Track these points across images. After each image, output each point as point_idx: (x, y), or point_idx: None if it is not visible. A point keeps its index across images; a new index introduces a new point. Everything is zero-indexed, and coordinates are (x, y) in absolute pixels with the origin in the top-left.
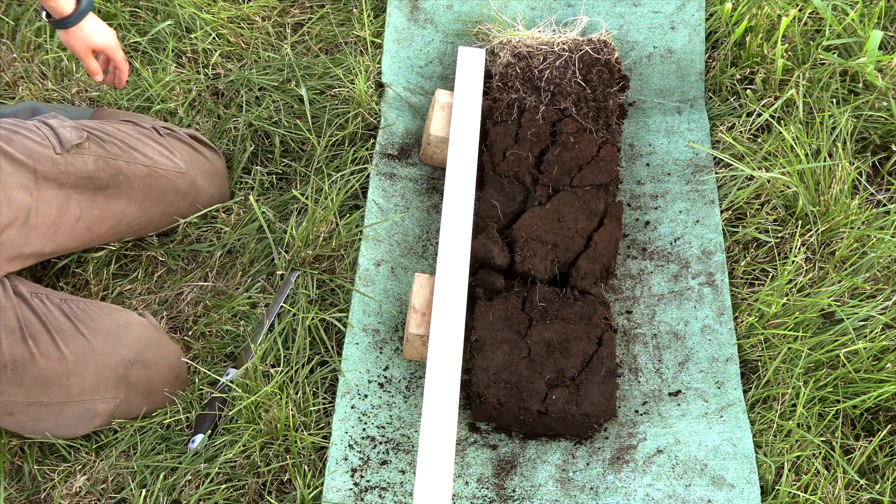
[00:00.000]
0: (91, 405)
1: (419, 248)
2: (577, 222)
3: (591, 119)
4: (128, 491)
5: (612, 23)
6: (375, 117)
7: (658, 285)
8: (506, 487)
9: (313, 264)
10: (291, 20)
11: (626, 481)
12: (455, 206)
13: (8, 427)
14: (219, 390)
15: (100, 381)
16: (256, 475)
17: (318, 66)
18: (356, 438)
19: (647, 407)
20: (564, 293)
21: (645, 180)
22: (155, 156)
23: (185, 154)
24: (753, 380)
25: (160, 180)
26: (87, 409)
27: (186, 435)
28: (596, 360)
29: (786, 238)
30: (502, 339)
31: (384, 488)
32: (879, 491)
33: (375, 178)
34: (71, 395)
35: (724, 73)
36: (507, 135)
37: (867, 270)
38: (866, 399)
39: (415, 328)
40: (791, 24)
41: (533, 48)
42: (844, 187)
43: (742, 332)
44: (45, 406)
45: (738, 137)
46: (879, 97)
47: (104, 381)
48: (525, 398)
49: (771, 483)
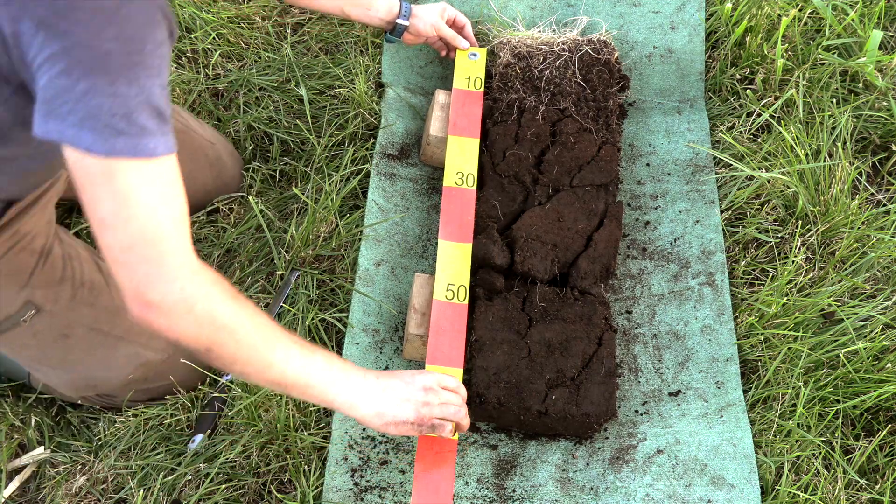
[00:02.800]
0: (143, 350)
1: (419, 248)
2: (577, 222)
3: (591, 119)
4: (127, 491)
5: (612, 23)
6: (375, 117)
7: (658, 285)
8: (506, 487)
9: (313, 264)
10: (291, 20)
11: (626, 481)
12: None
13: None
14: (219, 390)
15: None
16: (256, 475)
17: (318, 66)
18: (356, 438)
19: (647, 407)
20: (564, 293)
21: (645, 180)
22: (189, 119)
23: (210, 129)
24: (753, 380)
25: (193, 141)
26: (137, 353)
27: (186, 435)
28: (596, 360)
29: (786, 238)
30: (502, 339)
31: (384, 488)
32: (879, 491)
33: (375, 178)
34: (130, 332)
35: (724, 73)
36: (507, 135)
37: (867, 270)
38: (866, 399)
39: (415, 328)
40: (791, 24)
41: (533, 48)
42: (844, 187)
43: (742, 332)
44: (103, 335)
45: (738, 137)
46: (879, 97)
47: None
48: (525, 398)
49: (771, 483)
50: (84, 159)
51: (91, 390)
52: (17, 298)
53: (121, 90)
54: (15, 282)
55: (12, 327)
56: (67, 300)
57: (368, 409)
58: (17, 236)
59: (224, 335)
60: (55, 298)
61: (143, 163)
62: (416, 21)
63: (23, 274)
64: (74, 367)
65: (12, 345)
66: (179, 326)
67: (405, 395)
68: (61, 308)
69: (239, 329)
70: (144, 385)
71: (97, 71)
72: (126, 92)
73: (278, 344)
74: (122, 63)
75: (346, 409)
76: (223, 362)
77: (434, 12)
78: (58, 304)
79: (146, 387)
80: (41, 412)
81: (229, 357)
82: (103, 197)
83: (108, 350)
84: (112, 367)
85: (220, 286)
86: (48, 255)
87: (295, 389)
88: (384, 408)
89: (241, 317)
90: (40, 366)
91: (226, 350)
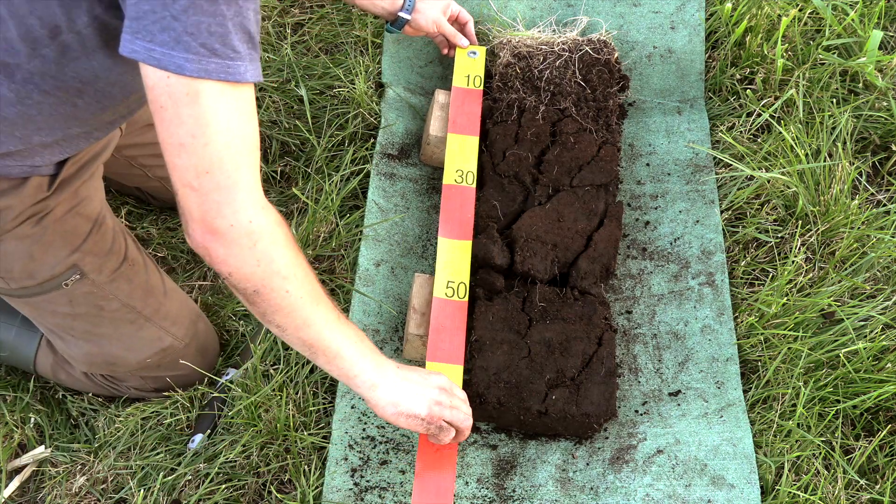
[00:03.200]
0: (165, 333)
1: (419, 248)
2: (577, 222)
3: (591, 119)
4: (127, 491)
5: (612, 23)
6: (375, 117)
7: (658, 285)
8: (506, 487)
9: (313, 264)
10: (291, 20)
11: (626, 481)
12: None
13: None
14: (218, 390)
15: (181, 314)
16: (256, 475)
17: (318, 66)
18: (356, 438)
19: (647, 407)
20: (564, 293)
21: (645, 180)
22: None
23: None
24: (753, 380)
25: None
26: (159, 336)
27: (186, 435)
28: (596, 360)
29: (786, 238)
30: (502, 339)
31: (384, 488)
32: (879, 491)
33: (375, 178)
34: (157, 314)
35: (724, 73)
36: (507, 135)
37: (867, 270)
38: (866, 399)
39: (415, 328)
40: (791, 24)
41: (533, 48)
42: (844, 187)
43: (742, 332)
44: (135, 313)
45: (738, 137)
46: (879, 97)
47: (184, 316)
48: (525, 398)
49: (771, 483)
50: (168, 78)
51: (106, 368)
52: (65, 261)
53: (220, 9)
54: (68, 244)
55: (53, 289)
56: (110, 272)
57: (386, 395)
58: (76, 198)
59: (277, 281)
60: (100, 268)
61: (229, 87)
62: (419, 16)
63: (77, 238)
64: (98, 340)
65: (44, 308)
66: (238, 259)
67: (421, 389)
68: (104, 279)
69: (292, 278)
70: (155, 372)
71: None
72: (225, 11)
73: (322, 306)
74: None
75: (366, 388)
76: (265, 308)
77: (437, 8)
78: (101, 275)
79: (155, 374)
80: (41, 411)
81: (274, 304)
82: (185, 118)
83: (135, 329)
84: (133, 346)
85: (284, 230)
86: (101, 224)
87: (323, 356)
88: (400, 397)
89: (296, 267)
90: (64, 334)
91: (273, 296)
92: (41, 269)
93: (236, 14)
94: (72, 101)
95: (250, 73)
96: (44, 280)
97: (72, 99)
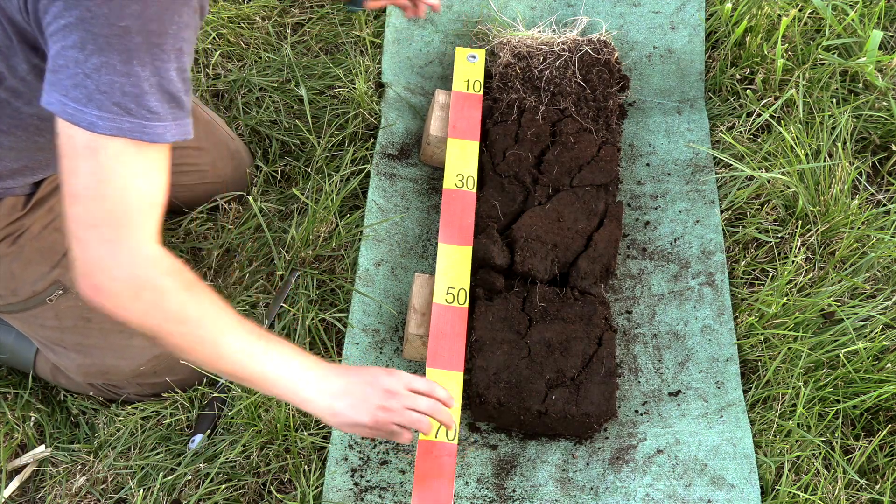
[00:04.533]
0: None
1: (419, 248)
2: (577, 222)
3: (591, 119)
4: (127, 491)
5: (612, 23)
6: (375, 117)
7: (658, 285)
8: (506, 487)
9: (313, 264)
10: (291, 20)
11: (626, 481)
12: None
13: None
14: (218, 390)
15: None
16: (256, 475)
17: (318, 66)
18: (356, 438)
19: (647, 407)
20: (564, 293)
21: (645, 180)
22: (214, 114)
23: (228, 128)
24: (753, 380)
25: (217, 132)
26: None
27: (186, 435)
28: (596, 360)
29: (786, 238)
30: (502, 339)
31: (384, 488)
32: (879, 491)
33: (375, 178)
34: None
35: (724, 73)
36: (507, 135)
37: (867, 270)
38: (866, 399)
39: (415, 328)
40: (791, 24)
41: (533, 48)
42: (844, 187)
43: (742, 332)
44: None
45: (738, 137)
46: (879, 97)
47: None
48: (525, 398)
49: (771, 483)
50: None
51: (101, 377)
52: (46, 277)
53: (134, 70)
54: (47, 260)
55: (38, 305)
56: None
57: (324, 407)
58: (51, 214)
59: (171, 325)
60: None
61: (133, 145)
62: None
63: (55, 254)
64: (90, 351)
65: (32, 323)
66: (125, 311)
67: (364, 396)
68: None
69: (187, 320)
70: (152, 379)
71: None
72: (140, 72)
73: (231, 336)
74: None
75: (301, 404)
76: (171, 349)
77: None
78: None
79: (153, 381)
80: (41, 409)
81: (177, 346)
82: (81, 170)
83: (125, 338)
84: (126, 355)
85: (177, 276)
86: None
87: (251, 382)
88: (339, 408)
89: (190, 307)
90: (55, 347)
91: (173, 339)
92: (23, 286)
93: (153, 74)
94: (32, 139)
95: (171, 132)
96: (27, 297)
97: (32, 137)
